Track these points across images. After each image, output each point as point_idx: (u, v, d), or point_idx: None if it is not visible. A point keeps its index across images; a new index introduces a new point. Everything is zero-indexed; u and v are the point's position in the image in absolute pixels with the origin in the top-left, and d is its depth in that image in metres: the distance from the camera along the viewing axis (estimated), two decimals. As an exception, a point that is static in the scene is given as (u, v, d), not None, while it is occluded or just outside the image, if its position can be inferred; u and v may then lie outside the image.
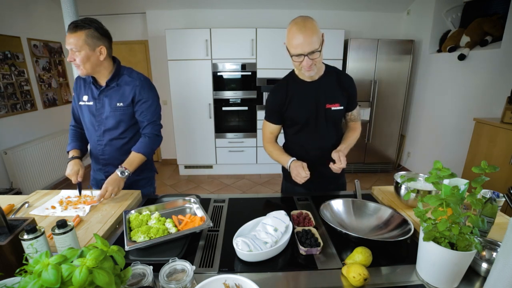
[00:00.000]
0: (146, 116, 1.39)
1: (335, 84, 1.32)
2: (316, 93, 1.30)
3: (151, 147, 1.40)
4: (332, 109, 1.32)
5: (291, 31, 1.12)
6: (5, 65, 2.89)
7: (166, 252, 0.90)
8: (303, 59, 1.14)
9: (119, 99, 1.36)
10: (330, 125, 1.36)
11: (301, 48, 1.11)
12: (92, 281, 0.53)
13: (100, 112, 1.38)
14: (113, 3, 3.69)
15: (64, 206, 1.20)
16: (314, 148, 1.38)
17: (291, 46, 1.14)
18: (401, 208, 1.16)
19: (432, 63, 3.52)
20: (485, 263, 0.80)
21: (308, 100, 1.31)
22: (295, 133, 1.39)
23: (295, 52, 1.13)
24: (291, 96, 1.31)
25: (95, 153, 1.48)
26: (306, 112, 1.32)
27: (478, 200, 0.73)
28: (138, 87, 1.36)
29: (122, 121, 1.38)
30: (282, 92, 1.32)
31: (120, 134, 1.41)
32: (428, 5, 3.47)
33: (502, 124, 2.23)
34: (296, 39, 1.11)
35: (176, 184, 3.80)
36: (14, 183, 2.94)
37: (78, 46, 1.21)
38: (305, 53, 1.12)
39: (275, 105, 1.35)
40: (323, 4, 3.75)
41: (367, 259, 0.83)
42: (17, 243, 0.77)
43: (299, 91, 1.31)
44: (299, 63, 1.16)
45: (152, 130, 1.41)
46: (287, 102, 1.32)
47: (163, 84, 4.10)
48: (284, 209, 1.06)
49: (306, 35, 1.09)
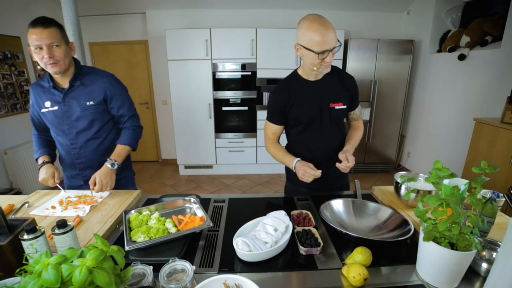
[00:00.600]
0: (124, 110, 1.41)
1: (338, 83, 1.32)
2: (320, 92, 1.30)
3: (135, 139, 1.43)
4: (336, 108, 1.32)
5: (313, 28, 1.10)
6: (5, 65, 2.89)
7: (166, 252, 0.90)
8: (327, 55, 1.13)
9: (88, 98, 1.33)
10: (334, 124, 1.36)
11: (328, 43, 1.10)
12: (92, 281, 0.53)
13: (69, 115, 1.33)
14: (113, 3, 3.69)
15: (64, 206, 1.20)
16: (318, 148, 1.37)
17: (315, 44, 1.10)
18: (401, 208, 1.16)
19: (432, 63, 3.52)
20: (485, 263, 0.80)
21: (312, 100, 1.30)
22: (299, 133, 1.38)
23: (321, 48, 1.10)
24: (295, 96, 1.30)
25: (69, 159, 1.42)
26: (310, 112, 1.31)
27: (478, 200, 0.73)
28: (107, 84, 1.36)
29: (95, 119, 1.37)
30: (285, 92, 1.31)
31: (95, 133, 1.39)
32: (428, 5, 3.47)
33: (502, 124, 2.23)
34: (322, 35, 1.09)
35: (176, 184, 3.80)
36: (14, 183, 2.94)
37: (58, 40, 1.19)
38: (330, 49, 1.11)
39: (278, 105, 1.33)
40: (323, 4, 3.75)
41: (367, 259, 0.83)
42: (17, 243, 0.77)
43: (303, 91, 1.30)
44: (321, 60, 1.14)
45: (133, 122, 1.44)
46: (291, 102, 1.31)
47: (163, 84, 4.10)
48: (284, 209, 1.06)
49: (330, 30, 1.09)
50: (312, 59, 1.15)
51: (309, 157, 1.34)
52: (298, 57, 3.55)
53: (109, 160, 1.32)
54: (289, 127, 1.41)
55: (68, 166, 1.46)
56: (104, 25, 3.98)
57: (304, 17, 1.15)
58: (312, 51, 1.12)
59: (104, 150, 1.40)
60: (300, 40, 1.15)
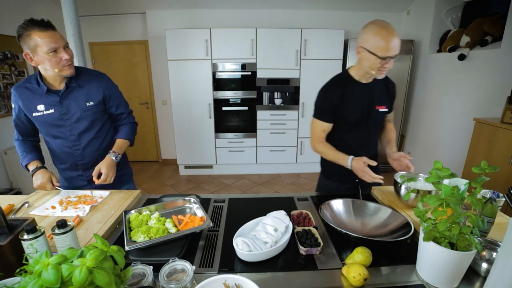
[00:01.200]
0: (122, 108, 1.46)
1: (384, 87, 1.38)
2: (369, 94, 1.34)
3: (133, 134, 1.49)
4: (380, 110, 1.37)
5: (381, 34, 1.14)
6: (5, 65, 2.89)
7: (166, 252, 0.90)
8: (388, 61, 1.17)
9: (87, 99, 1.33)
10: (377, 126, 1.43)
11: (392, 50, 1.14)
12: (92, 281, 0.53)
13: (68, 117, 1.31)
14: (113, 3, 3.69)
15: (64, 206, 1.20)
16: (360, 148, 1.40)
17: (381, 49, 1.14)
18: (401, 208, 1.16)
19: (432, 63, 3.52)
20: (485, 263, 0.80)
21: (363, 101, 1.34)
22: (343, 132, 1.41)
23: (385, 54, 1.15)
24: (348, 96, 1.33)
25: (72, 160, 1.39)
26: (359, 113, 1.35)
27: (478, 200, 0.73)
28: (104, 83, 1.38)
29: (95, 119, 1.37)
30: (339, 91, 1.33)
31: (96, 133, 1.40)
32: (428, 5, 3.47)
33: (502, 124, 2.23)
34: (388, 42, 1.13)
35: (176, 184, 3.80)
36: (14, 183, 2.94)
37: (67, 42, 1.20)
38: (393, 56, 1.15)
39: (329, 104, 1.35)
40: (323, 4, 3.75)
41: (367, 259, 0.83)
42: (17, 243, 0.77)
43: (355, 92, 1.33)
44: (381, 65, 1.18)
45: (130, 119, 1.50)
46: (343, 102, 1.33)
47: (163, 84, 4.10)
48: (284, 209, 1.06)
49: (396, 38, 1.14)
50: (373, 63, 1.19)
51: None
52: (298, 58, 3.55)
53: (112, 152, 1.35)
54: (335, 124, 1.41)
55: (69, 168, 1.43)
56: (104, 25, 3.98)
57: (372, 22, 1.19)
58: (375, 56, 1.16)
59: (106, 149, 1.41)
60: (365, 43, 1.19)
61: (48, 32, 1.13)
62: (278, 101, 3.76)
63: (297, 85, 3.69)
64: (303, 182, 3.83)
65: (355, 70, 1.34)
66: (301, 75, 3.64)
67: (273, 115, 3.78)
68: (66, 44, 1.19)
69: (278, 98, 3.79)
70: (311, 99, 4.22)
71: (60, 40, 1.16)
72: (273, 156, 3.96)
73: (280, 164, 4.05)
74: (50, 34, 1.13)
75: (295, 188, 3.65)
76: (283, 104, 3.79)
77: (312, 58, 3.58)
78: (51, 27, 1.15)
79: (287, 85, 3.70)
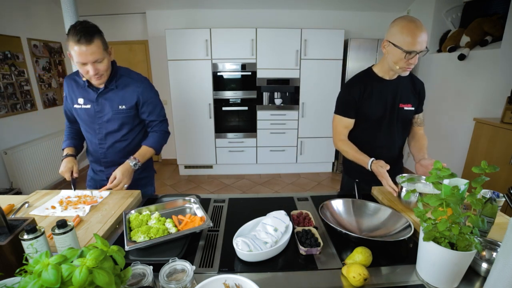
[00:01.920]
0: (154, 116, 1.41)
1: (410, 85, 1.36)
2: (392, 91, 1.33)
3: (161, 143, 1.43)
4: (405, 109, 1.35)
5: (408, 28, 1.13)
6: (5, 65, 2.89)
7: (166, 252, 0.90)
8: (413, 56, 1.16)
9: (120, 102, 1.33)
10: (400, 125, 1.39)
11: (419, 45, 1.13)
12: (92, 281, 0.53)
13: (101, 115, 1.35)
14: (113, 3, 3.69)
15: (64, 206, 1.19)
16: (381, 147, 1.39)
17: (407, 43, 1.14)
18: (401, 208, 1.16)
19: (432, 63, 3.52)
20: (485, 263, 0.80)
21: (384, 98, 1.33)
22: (364, 129, 1.40)
23: (410, 48, 1.14)
24: (370, 91, 1.33)
25: (96, 156, 1.45)
26: (381, 110, 1.34)
27: (478, 200, 0.73)
28: (141, 89, 1.35)
29: (125, 123, 1.38)
30: (360, 86, 1.33)
31: (123, 136, 1.40)
32: (428, 5, 3.47)
33: (502, 124, 2.23)
34: (414, 37, 1.12)
35: (176, 184, 3.80)
36: (14, 183, 2.94)
37: (101, 55, 1.18)
38: (418, 51, 1.14)
39: (352, 100, 1.35)
40: (323, 4, 3.75)
41: (367, 259, 0.83)
42: (17, 243, 0.77)
43: (377, 88, 1.33)
44: (405, 60, 1.18)
45: (162, 127, 1.45)
46: (364, 98, 1.33)
47: (163, 84, 4.10)
48: (284, 209, 1.06)
49: (423, 33, 1.13)
50: (398, 57, 1.19)
51: (370, 154, 1.34)
52: (298, 58, 3.55)
53: (133, 158, 1.32)
54: (357, 121, 1.41)
55: (94, 162, 1.49)
56: (104, 25, 3.94)
57: (400, 17, 1.19)
58: (400, 49, 1.16)
59: (130, 152, 1.40)
60: (391, 37, 1.19)
61: (80, 46, 1.13)
62: (278, 101, 3.77)
63: (297, 85, 3.69)
64: (303, 182, 3.83)
65: (379, 67, 1.34)
66: (301, 75, 3.64)
67: (273, 115, 3.78)
68: (97, 60, 1.17)
69: (278, 98, 3.80)
70: (311, 99, 4.21)
71: (90, 56, 1.15)
72: (273, 156, 3.96)
73: (280, 164, 4.05)
74: (81, 49, 1.14)
75: (295, 188, 3.65)
76: (283, 104, 3.79)
77: (312, 58, 3.58)
78: (85, 39, 1.12)
79: (287, 85, 3.70)
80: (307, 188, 3.66)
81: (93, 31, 1.15)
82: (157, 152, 1.42)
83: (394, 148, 1.42)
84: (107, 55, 1.23)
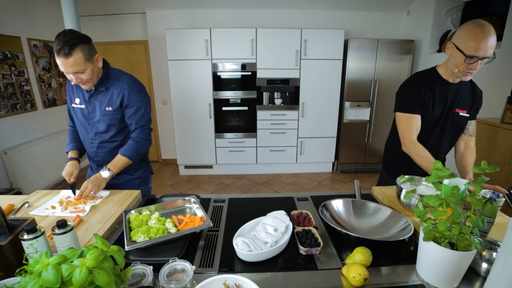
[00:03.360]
0: (134, 120, 1.37)
1: (470, 91, 1.34)
2: (453, 95, 1.31)
3: (137, 151, 1.38)
4: (460, 114, 1.33)
5: (473, 32, 1.11)
6: (5, 65, 2.89)
7: (166, 252, 0.90)
8: (474, 61, 1.13)
9: (107, 103, 1.34)
10: (451, 129, 1.36)
11: (480, 51, 1.10)
12: (92, 281, 0.53)
13: (92, 116, 1.38)
14: (113, 3, 3.69)
15: (64, 206, 1.20)
16: (429, 148, 1.32)
17: (470, 47, 1.11)
18: (401, 208, 1.16)
19: (432, 63, 3.48)
20: (485, 263, 0.80)
21: (444, 101, 1.31)
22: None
23: (473, 53, 1.11)
24: (433, 92, 1.30)
25: (90, 154, 1.49)
26: (438, 113, 1.32)
27: (478, 200, 0.73)
28: (126, 90, 1.34)
29: (112, 125, 1.38)
30: (425, 85, 1.31)
31: (111, 137, 1.41)
32: (428, 5, 3.47)
33: (502, 124, 2.23)
34: (479, 42, 1.09)
35: (176, 184, 3.80)
36: (14, 183, 2.94)
37: (83, 66, 1.18)
38: (480, 57, 1.11)
39: (419, 96, 1.30)
40: (323, 4, 3.75)
41: (367, 259, 0.83)
42: (17, 243, 0.77)
43: (440, 90, 1.31)
44: (466, 64, 1.15)
45: (140, 134, 1.39)
46: (429, 97, 1.30)
47: (163, 84, 4.10)
48: (284, 209, 1.06)
49: (488, 40, 1.09)
50: (459, 61, 1.17)
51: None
52: (298, 58, 3.55)
53: (104, 168, 1.32)
54: None
55: (89, 159, 1.53)
56: (104, 25, 3.98)
57: (471, 20, 1.15)
58: (461, 52, 1.14)
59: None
60: (456, 40, 1.17)
61: (59, 57, 1.15)
62: (278, 101, 3.77)
63: (297, 85, 3.69)
64: (303, 182, 3.83)
65: (443, 68, 1.31)
66: (301, 75, 3.64)
67: (273, 115, 3.78)
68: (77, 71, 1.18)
69: (278, 98, 3.80)
70: (311, 99, 4.21)
71: (70, 67, 1.16)
72: (273, 156, 3.96)
73: (280, 164, 4.05)
74: (60, 60, 1.16)
75: (295, 188, 3.65)
76: (283, 104, 3.79)
77: (312, 58, 3.58)
78: (64, 53, 1.13)
79: (287, 85, 3.70)
80: (307, 188, 3.66)
81: (74, 43, 1.14)
82: (133, 160, 1.39)
83: (441, 151, 1.40)
84: (90, 64, 1.22)
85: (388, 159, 1.50)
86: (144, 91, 1.40)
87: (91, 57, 1.22)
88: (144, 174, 1.57)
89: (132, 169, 1.49)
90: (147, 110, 1.40)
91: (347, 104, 3.75)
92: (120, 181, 1.48)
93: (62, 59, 1.14)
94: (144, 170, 1.57)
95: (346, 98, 3.73)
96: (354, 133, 3.89)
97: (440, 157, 1.41)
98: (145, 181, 1.58)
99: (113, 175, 1.34)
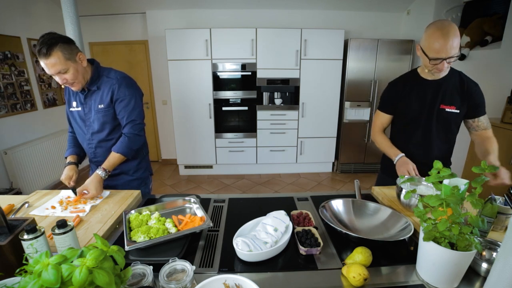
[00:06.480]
0: (124, 115, 1.37)
1: (457, 87, 1.33)
2: (433, 92, 1.33)
3: (130, 147, 1.38)
4: (446, 110, 1.33)
5: (434, 36, 1.15)
6: (5, 65, 2.89)
7: (166, 252, 0.90)
8: (439, 62, 1.17)
9: (100, 101, 1.36)
10: (440, 126, 1.37)
11: (442, 53, 1.15)
12: (92, 281, 0.53)
13: (88, 117, 1.39)
14: (113, 3, 3.69)
15: (64, 206, 1.20)
16: (418, 146, 1.40)
17: (431, 50, 1.17)
18: (401, 208, 1.16)
19: (432, 63, 3.52)
20: (485, 263, 0.80)
21: (422, 98, 1.35)
22: (402, 126, 1.45)
23: (434, 56, 1.17)
24: (408, 91, 1.38)
25: (89, 156, 1.50)
26: (416, 110, 1.36)
27: (478, 200, 0.73)
28: (115, 85, 1.35)
29: (105, 122, 1.38)
30: (399, 85, 1.42)
31: (107, 135, 1.41)
32: (428, 5, 3.47)
33: (502, 124, 2.23)
34: (441, 44, 1.13)
35: (176, 184, 3.80)
36: (14, 183, 2.94)
37: (64, 65, 1.18)
38: (444, 58, 1.15)
39: (389, 96, 1.45)
40: (323, 4, 3.75)
41: (367, 259, 0.83)
42: (17, 243, 0.77)
43: (416, 88, 1.36)
44: (433, 65, 1.20)
45: (131, 129, 1.38)
46: (402, 96, 1.39)
47: (163, 84, 4.10)
48: (284, 209, 1.06)
49: (449, 41, 1.13)
50: (426, 61, 1.23)
51: (407, 152, 1.37)
52: (298, 57, 3.55)
53: (100, 168, 1.32)
54: (395, 119, 1.49)
55: (90, 162, 1.54)
56: (104, 25, 3.98)
57: (433, 22, 1.20)
58: (426, 56, 1.20)
59: None
60: (421, 42, 1.23)
61: (40, 58, 1.16)
62: (278, 101, 3.77)
63: (297, 85, 3.69)
64: (303, 182, 3.83)
65: (422, 67, 1.36)
66: (301, 75, 3.64)
67: (273, 115, 3.78)
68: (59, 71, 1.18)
69: (278, 98, 3.80)
70: (311, 99, 4.22)
71: (51, 68, 1.17)
72: (273, 156, 3.96)
73: (280, 164, 4.05)
74: (42, 61, 1.17)
75: (295, 188, 3.65)
76: (283, 104, 3.79)
77: (312, 58, 3.58)
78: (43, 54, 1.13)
79: (287, 85, 3.70)
80: (307, 188, 3.66)
81: (52, 43, 1.14)
82: (127, 157, 1.38)
83: (433, 148, 1.39)
84: (72, 63, 1.21)
85: (385, 158, 1.52)
86: (133, 86, 1.40)
87: (72, 56, 1.21)
88: (144, 175, 1.57)
89: (132, 170, 1.49)
90: (137, 104, 1.39)
91: (347, 104, 3.75)
92: (120, 182, 1.48)
93: (43, 60, 1.16)
94: (144, 171, 1.57)
95: (346, 98, 3.73)
96: (354, 133, 3.90)
97: (434, 154, 1.39)
98: (145, 182, 1.58)
99: (109, 172, 1.34)
